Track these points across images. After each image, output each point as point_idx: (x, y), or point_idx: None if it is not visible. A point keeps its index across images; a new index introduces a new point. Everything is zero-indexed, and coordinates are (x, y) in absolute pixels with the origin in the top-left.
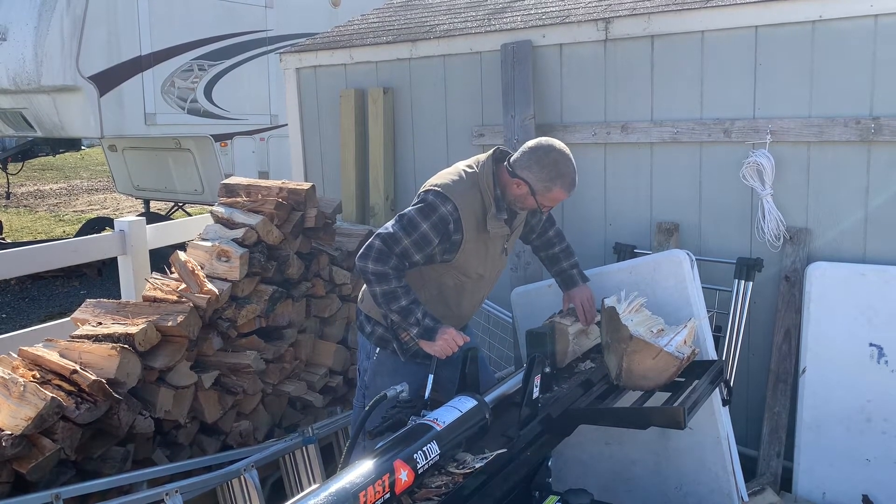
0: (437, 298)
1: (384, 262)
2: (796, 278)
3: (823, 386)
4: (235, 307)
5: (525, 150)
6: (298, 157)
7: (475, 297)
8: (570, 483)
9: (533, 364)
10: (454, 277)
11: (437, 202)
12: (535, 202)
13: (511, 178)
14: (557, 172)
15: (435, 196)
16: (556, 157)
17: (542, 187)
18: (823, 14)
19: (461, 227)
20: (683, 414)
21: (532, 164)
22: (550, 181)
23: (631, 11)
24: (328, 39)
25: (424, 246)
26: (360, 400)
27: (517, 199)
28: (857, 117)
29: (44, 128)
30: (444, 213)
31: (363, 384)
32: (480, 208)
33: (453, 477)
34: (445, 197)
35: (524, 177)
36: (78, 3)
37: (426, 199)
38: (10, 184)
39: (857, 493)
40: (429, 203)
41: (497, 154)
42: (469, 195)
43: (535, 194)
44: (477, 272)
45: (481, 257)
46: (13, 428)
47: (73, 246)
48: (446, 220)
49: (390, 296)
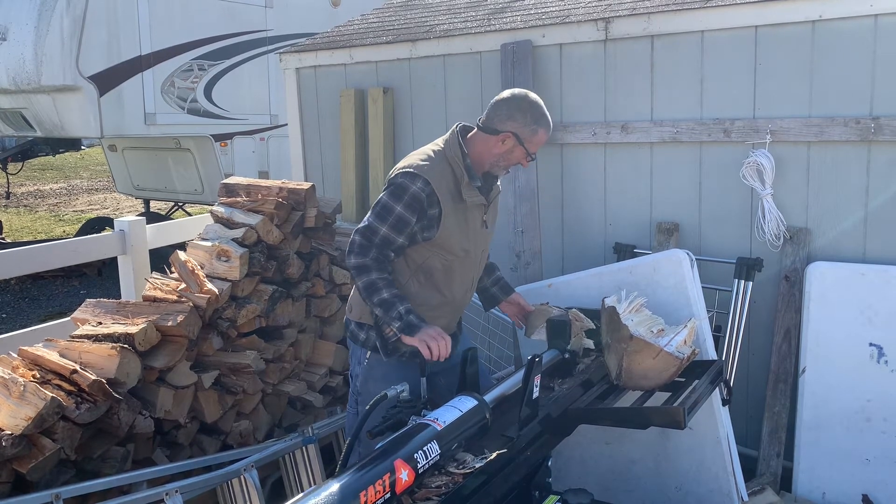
0: (426, 285)
1: (364, 254)
2: (796, 278)
3: (823, 386)
4: (235, 307)
5: (497, 104)
6: (298, 157)
7: (465, 278)
8: (570, 483)
9: (533, 364)
10: (440, 258)
11: (407, 181)
12: (524, 151)
13: (492, 136)
14: (540, 113)
15: (404, 177)
16: (532, 100)
17: (528, 132)
18: (823, 14)
19: (436, 199)
20: (683, 414)
21: (513, 112)
22: (535, 122)
23: (631, 11)
24: (328, 39)
25: (403, 227)
26: (353, 406)
27: (501, 158)
28: (857, 117)
29: (44, 128)
30: (415, 190)
31: (355, 389)
32: (452, 180)
33: (453, 477)
34: (414, 175)
35: (507, 128)
36: (78, 3)
37: (395, 181)
38: (10, 184)
39: (856, 493)
40: (398, 185)
41: (461, 129)
42: (438, 168)
43: (524, 142)
44: (462, 248)
45: (463, 231)
46: (13, 428)
47: (73, 246)
48: (419, 198)
49: (371, 287)
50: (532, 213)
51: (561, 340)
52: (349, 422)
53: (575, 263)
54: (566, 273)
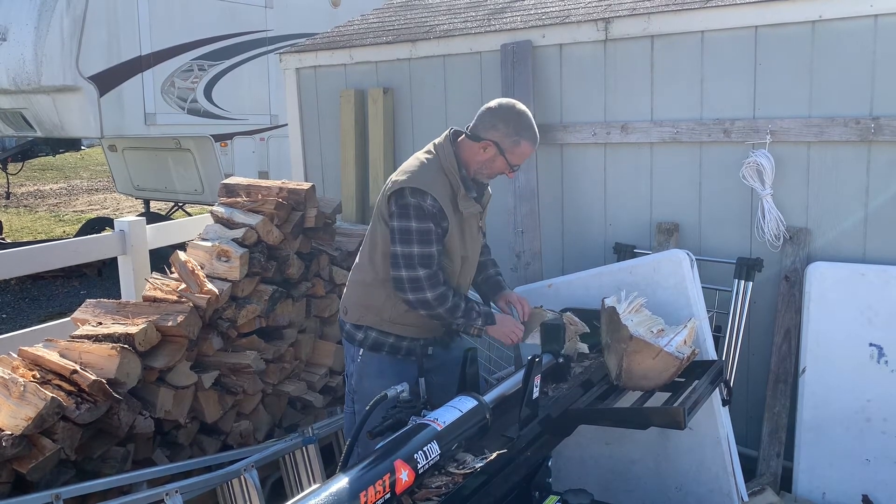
0: None
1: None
2: (796, 278)
3: (823, 386)
4: (235, 307)
5: (483, 112)
6: (298, 157)
7: (462, 281)
8: (570, 483)
9: (533, 364)
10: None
11: (419, 201)
12: (505, 162)
13: (476, 143)
14: (523, 125)
15: (413, 195)
16: (519, 111)
17: (509, 143)
18: (823, 14)
19: (445, 214)
20: (683, 414)
21: (496, 122)
22: (517, 134)
23: (631, 11)
24: (328, 40)
25: (430, 236)
26: (350, 405)
27: (484, 166)
28: (857, 117)
29: (44, 128)
30: (428, 206)
31: (351, 388)
32: (450, 191)
33: (453, 477)
34: (423, 192)
35: (489, 137)
36: (78, 4)
37: (408, 202)
38: (10, 184)
39: (856, 493)
40: (415, 206)
41: (452, 133)
42: (438, 182)
43: (504, 152)
44: (460, 255)
45: (462, 240)
46: (13, 428)
47: (73, 246)
48: (433, 213)
49: (454, 309)
50: (532, 213)
51: (555, 344)
52: (347, 421)
53: (575, 264)
54: (566, 273)
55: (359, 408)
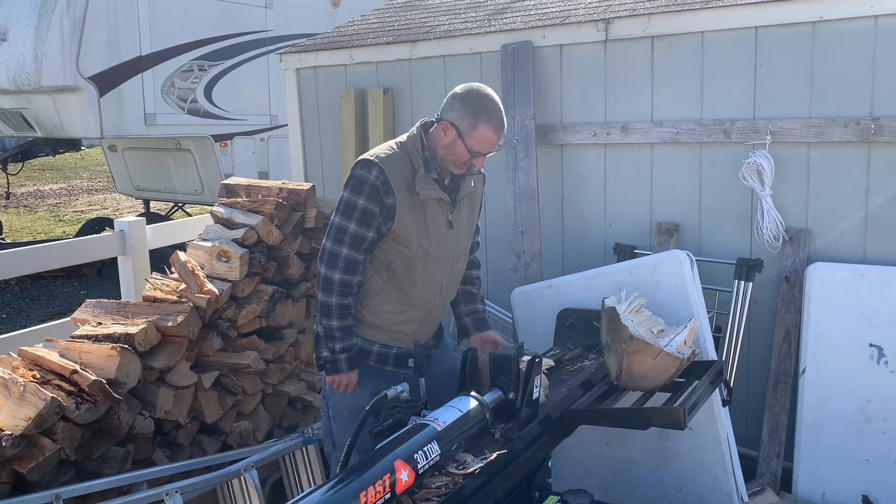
0: (389, 283)
1: (332, 267)
2: (796, 279)
3: (823, 386)
4: (235, 307)
5: (448, 95)
6: (298, 157)
7: (429, 280)
8: (570, 483)
9: (533, 364)
10: (400, 254)
11: (363, 172)
12: (465, 147)
13: (437, 125)
14: (481, 107)
15: (360, 167)
16: (480, 94)
17: (466, 125)
18: (824, 15)
19: (391, 188)
20: (683, 414)
21: (455, 103)
22: (474, 116)
23: (631, 12)
24: (328, 40)
25: (370, 220)
26: (325, 410)
27: (447, 152)
28: (857, 118)
29: (44, 128)
30: (372, 179)
31: (324, 392)
32: (409, 170)
33: (453, 477)
34: (370, 163)
35: (448, 118)
36: (78, 4)
37: (353, 174)
38: (10, 184)
39: (856, 494)
40: (357, 177)
41: (425, 122)
42: (395, 157)
43: (463, 136)
44: (420, 245)
45: (421, 226)
46: (13, 428)
47: (73, 246)
48: (376, 186)
49: (325, 310)
50: (532, 213)
51: (503, 377)
52: (324, 426)
53: (575, 264)
54: (566, 274)
55: (333, 413)
